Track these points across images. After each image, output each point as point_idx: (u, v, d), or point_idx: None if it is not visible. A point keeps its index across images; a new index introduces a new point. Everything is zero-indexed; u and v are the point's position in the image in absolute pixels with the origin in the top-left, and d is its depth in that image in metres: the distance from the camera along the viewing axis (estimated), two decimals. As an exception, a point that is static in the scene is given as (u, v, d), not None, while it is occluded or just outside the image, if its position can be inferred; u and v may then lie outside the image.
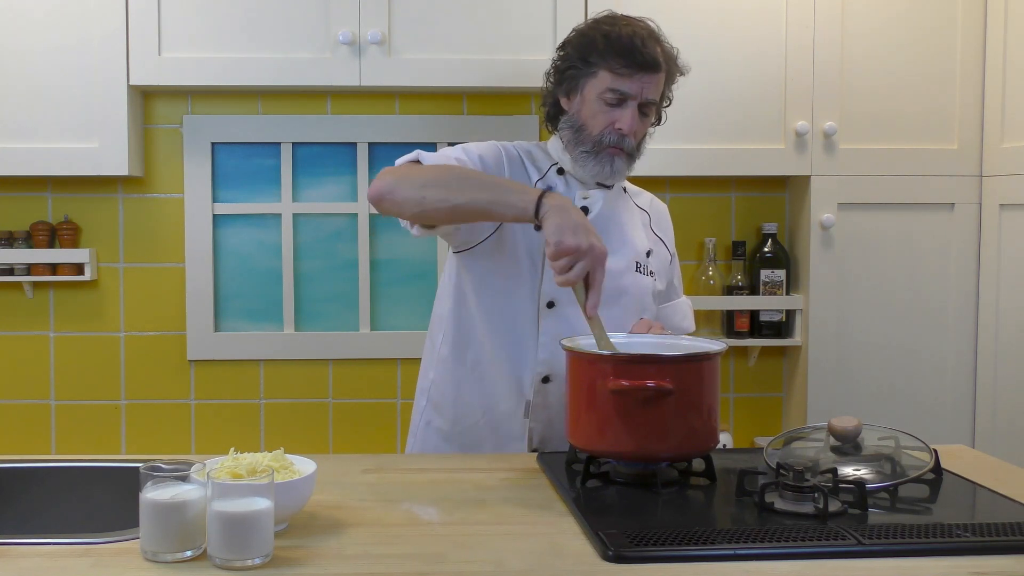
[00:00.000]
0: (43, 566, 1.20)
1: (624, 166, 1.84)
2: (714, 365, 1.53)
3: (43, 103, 2.43)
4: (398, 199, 1.69)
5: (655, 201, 2.06)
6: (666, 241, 2.02)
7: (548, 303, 1.82)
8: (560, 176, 1.89)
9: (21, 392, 2.68)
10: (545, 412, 1.85)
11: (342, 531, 1.32)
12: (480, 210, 1.66)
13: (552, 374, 1.83)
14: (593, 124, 1.81)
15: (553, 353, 1.82)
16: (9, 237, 2.61)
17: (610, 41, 1.79)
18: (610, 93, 1.79)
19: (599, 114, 1.80)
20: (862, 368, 2.60)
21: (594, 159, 1.82)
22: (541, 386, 1.84)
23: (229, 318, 2.70)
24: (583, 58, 1.81)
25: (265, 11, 2.44)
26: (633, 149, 1.83)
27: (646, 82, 1.79)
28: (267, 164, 2.70)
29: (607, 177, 1.84)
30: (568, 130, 1.85)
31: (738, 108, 2.54)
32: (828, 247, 2.58)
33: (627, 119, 1.79)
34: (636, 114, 1.80)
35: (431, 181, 1.68)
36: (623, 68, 1.78)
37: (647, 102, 1.81)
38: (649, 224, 1.99)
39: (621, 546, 1.22)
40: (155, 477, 1.23)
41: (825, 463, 1.52)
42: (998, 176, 2.53)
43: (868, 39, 2.55)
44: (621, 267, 1.85)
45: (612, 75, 1.78)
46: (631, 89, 1.79)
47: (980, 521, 1.35)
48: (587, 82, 1.81)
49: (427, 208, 1.67)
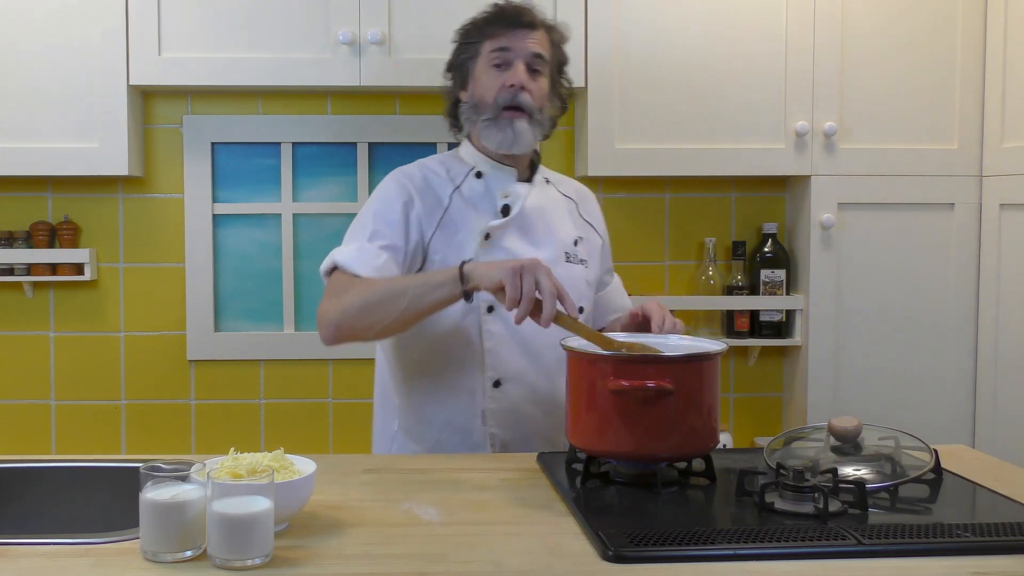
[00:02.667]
0: (43, 566, 1.20)
1: (528, 130, 1.86)
2: (714, 365, 1.53)
3: (43, 103, 2.43)
4: (350, 335, 1.74)
5: (580, 187, 2.08)
6: (595, 225, 2.04)
7: (488, 308, 1.84)
8: (479, 179, 1.91)
9: (21, 392, 2.68)
10: (503, 416, 1.85)
11: (342, 531, 1.32)
12: (421, 312, 1.70)
13: (502, 377, 1.84)
14: (487, 93, 1.86)
15: (500, 357, 1.84)
16: (9, 237, 2.61)
17: (485, 15, 1.91)
18: (493, 54, 1.86)
19: (490, 82, 1.86)
20: (862, 368, 2.60)
21: (495, 126, 1.85)
22: (494, 391, 1.85)
23: (229, 318, 2.70)
24: (466, 42, 1.90)
25: (265, 11, 2.44)
26: (534, 110, 1.86)
27: (526, 38, 1.86)
28: (267, 164, 2.70)
29: (512, 143, 1.85)
30: (469, 111, 1.89)
31: (738, 108, 2.54)
32: (828, 247, 2.58)
33: (516, 74, 1.84)
34: (525, 69, 1.85)
35: (367, 307, 1.70)
36: (499, 29, 1.86)
37: (534, 57, 1.86)
38: (577, 211, 2.00)
39: (621, 546, 1.22)
40: (155, 477, 1.23)
41: (825, 463, 1.52)
42: (998, 176, 2.53)
43: (868, 39, 2.55)
44: (550, 260, 1.86)
45: (492, 40, 1.87)
46: (511, 44, 1.85)
47: (980, 521, 1.35)
48: (474, 63, 1.89)
49: (380, 331, 1.74)
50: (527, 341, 1.85)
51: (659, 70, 2.53)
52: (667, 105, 2.52)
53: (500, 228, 1.85)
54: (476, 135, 1.90)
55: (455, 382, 1.87)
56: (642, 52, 2.51)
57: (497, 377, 1.84)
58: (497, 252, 1.84)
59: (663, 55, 2.52)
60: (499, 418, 1.85)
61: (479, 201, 1.89)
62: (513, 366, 1.84)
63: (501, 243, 1.85)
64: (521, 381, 1.85)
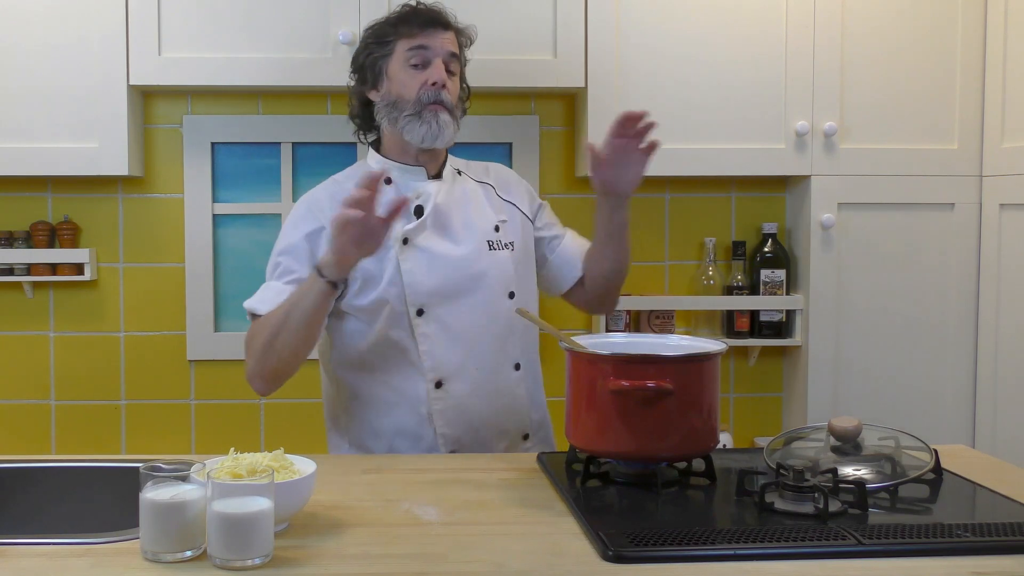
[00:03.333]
0: (43, 566, 1.20)
1: (449, 123, 1.88)
2: (714, 365, 1.53)
3: (43, 103, 2.42)
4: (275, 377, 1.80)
5: (495, 169, 2.07)
6: (518, 203, 2.02)
7: (417, 311, 1.84)
8: (389, 185, 1.91)
9: (21, 392, 2.68)
10: (449, 415, 1.86)
11: (342, 531, 1.32)
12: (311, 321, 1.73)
13: (443, 377, 1.85)
14: (407, 91, 1.87)
15: (437, 358, 1.85)
16: (9, 237, 2.61)
17: (399, 15, 1.91)
18: (411, 52, 1.87)
19: (409, 80, 1.87)
20: (862, 368, 2.60)
21: (419, 120, 1.86)
22: (437, 392, 1.86)
23: (229, 318, 2.70)
24: (379, 41, 1.91)
25: (265, 11, 2.44)
26: (452, 106, 1.88)
27: (442, 37, 1.88)
28: (267, 164, 2.70)
29: (436, 136, 1.86)
30: (385, 110, 1.90)
31: (738, 108, 2.54)
32: (828, 247, 2.58)
33: (436, 71, 1.86)
34: (443, 68, 1.87)
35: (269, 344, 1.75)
36: (416, 28, 1.87)
37: (451, 57, 1.89)
38: (495, 194, 2.00)
39: (621, 546, 1.22)
40: (155, 477, 1.23)
41: (825, 463, 1.52)
42: (998, 176, 2.53)
43: (868, 39, 2.55)
44: (472, 253, 1.88)
45: (408, 39, 1.87)
46: (430, 43, 1.87)
47: (980, 521, 1.35)
48: (388, 61, 1.90)
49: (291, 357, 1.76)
50: (461, 336, 1.86)
51: (659, 70, 2.52)
52: (667, 105, 2.52)
53: (415, 230, 1.86)
54: (395, 132, 1.90)
55: (398, 390, 1.88)
56: (642, 52, 2.51)
57: (438, 378, 1.85)
58: (418, 254, 1.85)
59: (663, 55, 2.52)
60: (446, 417, 1.86)
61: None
62: (451, 364, 1.85)
63: (419, 244, 1.86)
64: (462, 377, 1.86)
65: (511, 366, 1.92)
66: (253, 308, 1.83)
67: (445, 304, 1.86)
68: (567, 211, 2.69)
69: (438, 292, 1.85)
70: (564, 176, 2.72)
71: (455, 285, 1.86)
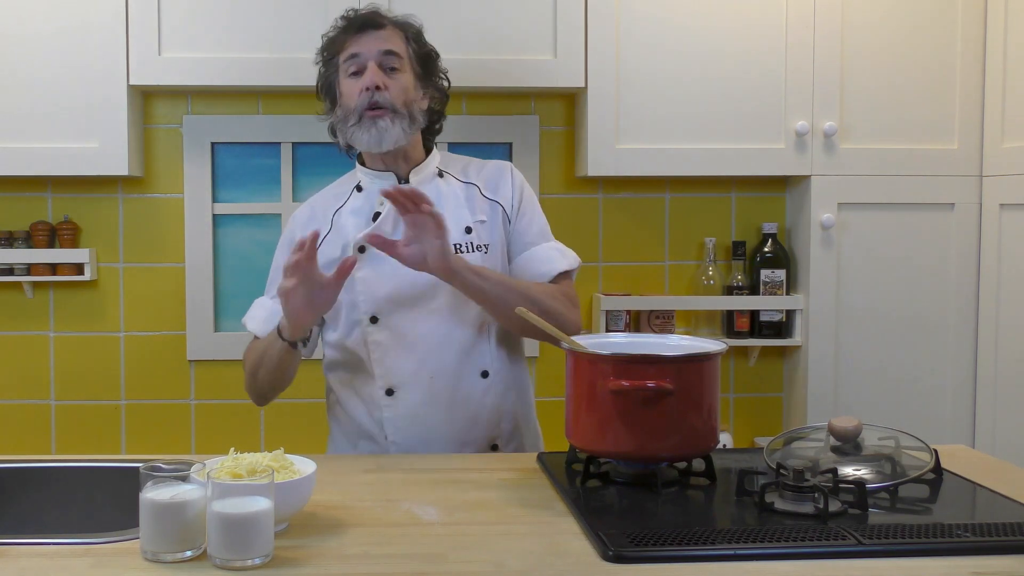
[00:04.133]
0: (43, 566, 1.20)
1: (391, 125, 1.83)
2: (714, 365, 1.53)
3: (43, 103, 2.42)
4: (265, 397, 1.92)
5: (493, 167, 1.98)
6: (503, 201, 1.93)
7: (371, 319, 1.84)
8: (360, 192, 1.93)
9: (21, 392, 2.68)
10: (399, 423, 1.85)
11: (342, 531, 1.32)
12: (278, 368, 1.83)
13: (394, 385, 1.85)
14: (350, 101, 1.86)
15: (388, 366, 1.85)
16: (9, 237, 2.61)
17: (333, 30, 1.92)
18: (346, 63, 1.86)
19: (349, 90, 1.87)
20: (862, 368, 2.60)
21: (360, 128, 1.85)
22: (388, 399, 1.85)
23: (229, 318, 2.70)
24: (326, 60, 1.92)
25: (265, 11, 2.44)
26: (397, 106, 1.83)
27: (373, 38, 1.85)
28: (267, 164, 2.70)
29: (379, 141, 1.84)
30: (340, 125, 1.90)
31: (738, 108, 2.54)
32: (828, 247, 2.58)
33: (368, 76, 1.84)
34: (377, 70, 1.84)
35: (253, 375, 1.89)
36: (348, 37, 1.86)
37: (385, 55, 1.85)
38: (479, 194, 1.93)
39: (621, 546, 1.22)
40: (155, 477, 1.23)
41: (825, 463, 1.52)
42: (998, 176, 2.53)
43: (868, 39, 2.55)
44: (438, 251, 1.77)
45: (343, 51, 1.87)
46: (360, 49, 1.85)
47: (980, 521, 1.35)
48: (336, 76, 1.90)
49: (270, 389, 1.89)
50: (417, 343, 1.83)
51: (659, 70, 2.52)
52: (667, 105, 2.52)
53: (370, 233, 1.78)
54: (348, 140, 1.89)
55: (356, 396, 1.90)
56: (642, 52, 2.51)
57: (388, 385, 1.85)
58: (372, 260, 1.83)
59: (663, 55, 2.52)
60: (396, 425, 1.85)
61: (359, 214, 1.90)
62: (403, 372, 1.84)
63: (375, 251, 1.79)
64: (414, 386, 1.84)
65: (477, 374, 1.86)
66: (247, 327, 1.95)
67: (400, 311, 1.83)
68: (567, 211, 2.70)
69: (392, 299, 1.83)
70: (564, 176, 2.72)
71: (412, 291, 1.83)
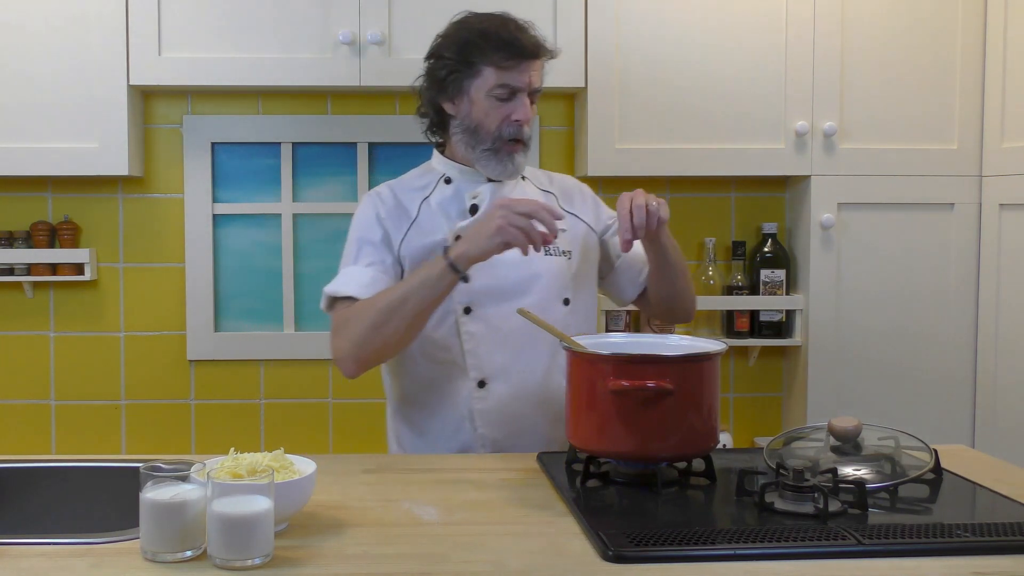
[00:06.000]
0: (43, 566, 1.20)
1: (522, 160, 1.86)
2: (714, 365, 1.53)
3: (43, 103, 2.42)
4: (370, 361, 1.77)
5: (567, 181, 2.03)
6: (581, 214, 1.97)
7: (465, 309, 1.83)
8: (448, 185, 1.90)
9: (21, 392, 2.68)
10: (491, 416, 1.85)
11: (342, 531, 1.32)
12: (427, 311, 1.73)
13: (486, 377, 1.84)
14: (488, 121, 1.82)
15: (481, 357, 1.84)
16: (9, 237, 2.61)
17: (488, 37, 1.80)
18: (499, 89, 1.80)
19: (492, 111, 1.81)
20: (862, 368, 2.60)
21: (495, 157, 1.83)
22: (479, 391, 1.85)
23: (229, 318, 2.70)
24: (463, 60, 1.82)
25: (265, 11, 2.44)
26: (529, 137, 1.85)
27: (532, 70, 1.82)
28: (267, 164, 2.70)
29: (512, 173, 1.85)
30: (462, 134, 1.86)
31: (738, 108, 2.54)
32: (828, 247, 2.58)
33: (522, 110, 1.81)
34: (528, 104, 1.82)
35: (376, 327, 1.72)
36: (508, 61, 1.79)
37: (535, 90, 1.83)
38: (558, 203, 1.96)
39: (621, 546, 1.22)
40: (155, 477, 1.23)
41: (825, 463, 1.52)
42: (998, 176, 2.53)
43: (868, 39, 2.55)
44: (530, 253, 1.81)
45: (497, 70, 1.80)
46: (519, 82, 1.80)
47: (980, 521, 1.35)
48: (472, 83, 1.82)
49: (396, 343, 1.75)
50: (509, 338, 1.84)
51: (659, 70, 2.52)
52: (667, 105, 2.52)
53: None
54: (469, 156, 1.87)
55: (442, 389, 1.87)
56: (642, 52, 2.51)
57: (481, 377, 1.84)
58: None
59: (663, 55, 2.52)
60: (487, 418, 1.85)
61: (448, 206, 1.89)
62: (496, 364, 1.84)
63: None
64: (506, 379, 1.84)
65: (562, 374, 1.84)
66: (340, 290, 1.81)
67: (494, 304, 1.83)
68: (567, 211, 2.70)
69: (488, 291, 1.83)
70: (564, 176, 2.72)
71: (506, 285, 1.84)
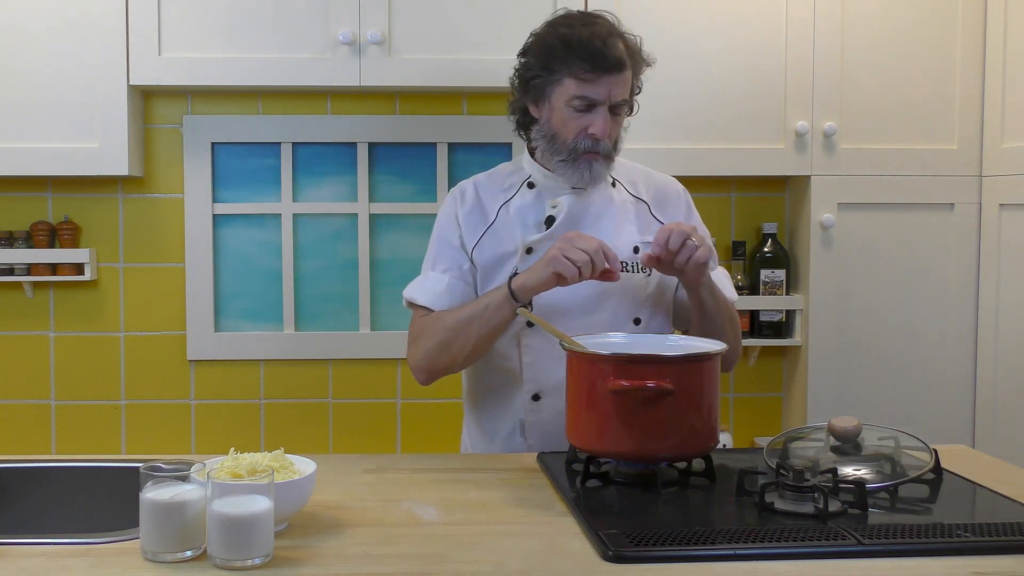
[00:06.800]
0: (43, 566, 1.20)
1: (602, 169, 1.81)
2: (714, 365, 1.53)
3: (43, 103, 2.42)
4: (440, 373, 1.83)
5: (657, 184, 1.97)
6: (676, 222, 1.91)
7: (528, 322, 1.81)
8: (531, 190, 1.88)
9: (21, 392, 2.68)
10: (540, 428, 1.85)
11: (342, 531, 1.32)
12: (491, 336, 1.77)
13: (541, 391, 1.83)
14: (565, 132, 1.78)
15: (539, 371, 1.83)
16: (9, 237, 2.61)
17: (570, 46, 1.74)
18: (577, 100, 1.75)
19: (569, 121, 1.77)
20: (862, 368, 2.60)
21: (572, 167, 1.79)
22: (532, 404, 1.84)
23: (229, 318, 2.70)
24: (545, 65, 1.77)
25: (265, 11, 2.44)
26: (610, 151, 1.80)
27: (613, 83, 1.75)
28: (267, 164, 2.70)
29: (589, 182, 1.82)
30: (542, 140, 1.83)
31: (738, 108, 2.54)
32: (828, 247, 2.58)
33: (599, 124, 1.76)
34: (607, 117, 1.77)
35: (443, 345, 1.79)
36: (587, 73, 1.73)
37: (617, 104, 1.78)
38: (648, 212, 1.92)
39: (621, 546, 1.22)
40: (155, 477, 1.23)
41: (825, 463, 1.52)
42: (998, 176, 2.53)
43: (868, 39, 2.55)
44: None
45: (577, 81, 1.74)
46: (598, 95, 1.75)
47: (980, 521, 1.35)
48: (553, 90, 1.78)
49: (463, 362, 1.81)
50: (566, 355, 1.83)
51: (659, 70, 2.51)
52: (667, 105, 2.52)
53: (541, 241, 1.81)
54: (551, 168, 1.84)
55: (502, 396, 1.88)
56: (642, 52, 2.51)
57: (536, 390, 1.83)
58: None
59: (663, 55, 2.50)
60: (537, 431, 1.84)
61: (527, 213, 1.86)
62: (552, 379, 1.81)
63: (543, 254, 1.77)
64: (560, 394, 1.78)
65: None
66: (416, 299, 1.86)
67: (559, 320, 1.75)
68: (567, 211, 2.70)
69: (552, 306, 1.79)
70: (564, 176, 2.72)
71: (572, 302, 1.80)
